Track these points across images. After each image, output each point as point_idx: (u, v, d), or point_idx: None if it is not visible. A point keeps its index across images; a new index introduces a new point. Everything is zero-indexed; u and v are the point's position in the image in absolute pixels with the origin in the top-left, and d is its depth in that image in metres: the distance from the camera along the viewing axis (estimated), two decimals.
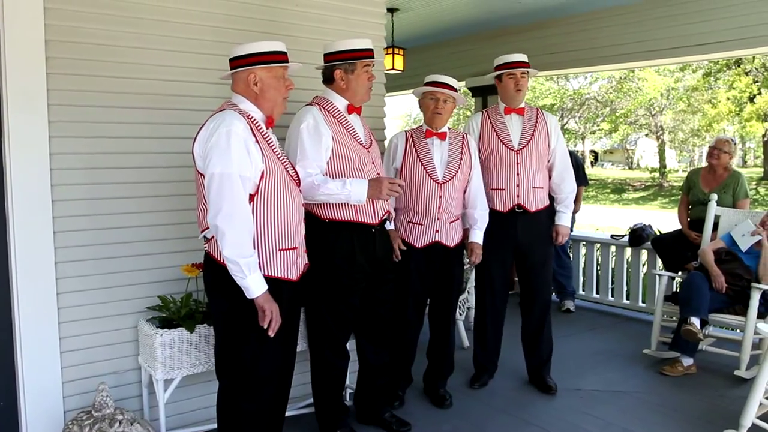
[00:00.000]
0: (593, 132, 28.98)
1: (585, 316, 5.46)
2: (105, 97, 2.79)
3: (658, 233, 5.36)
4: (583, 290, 5.96)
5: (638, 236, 5.39)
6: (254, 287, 2.26)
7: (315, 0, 3.34)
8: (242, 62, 2.38)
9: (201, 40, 2.99)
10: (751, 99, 20.54)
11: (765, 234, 3.96)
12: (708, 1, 5.03)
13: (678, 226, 5.00)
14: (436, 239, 3.30)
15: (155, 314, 2.88)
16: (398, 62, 6.50)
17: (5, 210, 2.63)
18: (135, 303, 2.92)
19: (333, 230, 2.87)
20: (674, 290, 4.66)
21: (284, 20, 3.24)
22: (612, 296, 5.75)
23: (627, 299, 5.64)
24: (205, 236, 2.40)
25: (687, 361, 4.03)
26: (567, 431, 3.24)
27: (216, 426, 2.55)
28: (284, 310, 2.36)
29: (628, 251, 5.66)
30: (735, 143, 4.96)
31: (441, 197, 3.28)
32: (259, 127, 2.38)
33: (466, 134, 3.52)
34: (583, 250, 6.01)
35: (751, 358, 3.87)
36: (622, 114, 24.58)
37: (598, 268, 5.90)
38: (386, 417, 3.22)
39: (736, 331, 4.30)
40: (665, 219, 10.04)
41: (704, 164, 4.91)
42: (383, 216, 2.99)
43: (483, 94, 6.73)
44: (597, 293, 5.86)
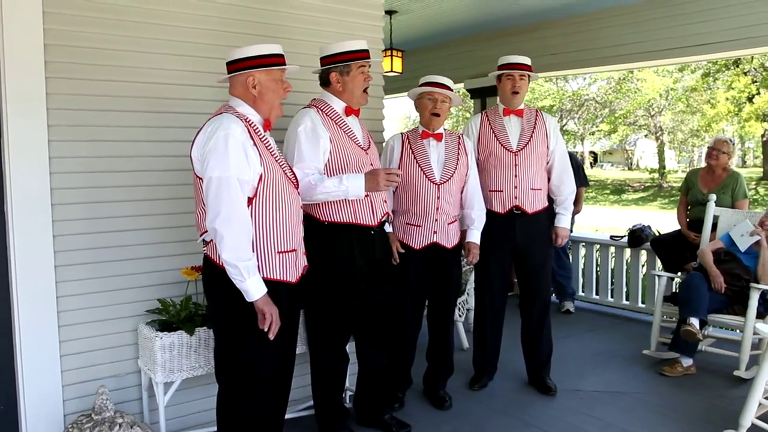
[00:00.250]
0: (592, 133, 28.99)
1: (585, 317, 5.47)
2: (103, 101, 2.79)
3: (658, 234, 5.37)
4: (583, 291, 5.96)
5: (637, 237, 5.40)
6: (254, 290, 2.26)
7: (312, 3, 3.34)
8: (240, 65, 2.38)
9: (197, 44, 3.00)
10: (750, 99, 20.53)
11: (764, 234, 3.97)
12: (706, 2, 5.04)
13: (677, 227, 5.00)
14: (435, 240, 3.30)
15: (155, 317, 2.88)
16: (397, 64, 6.46)
17: (5, 213, 2.63)
18: (135, 306, 2.92)
19: (332, 232, 2.87)
20: (673, 291, 4.67)
21: (281, 23, 3.24)
22: (611, 297, 5.76)
23: (626, 300, 5.64)
24: (204, 239, 2.40)
25: (686, 362, 4.03)
26: None
27: (216, 429, 2.55)
28: (284, 313, 2.36)
29: (628, 252, 5.66)
30: (734, 144, 4.96)
31: (439, 198, 3.28)
32: (257, 130, 2.38)
33: (462, 135, 3.52)
34: (583, 251, 6.02)
35: (751, 358, 3.87)
36: (622, 115, 24.59)
37: (598, 269, 5.91)
38: (386, 419, 3.22)
39: (736, 332, 4.30)
40: (665, 220, 10.04)
41: (703, 165, 4.91)
42: (382, 218, 2.99)
43: (482, 96, 6.74)
44: (596, 294, 5.86)
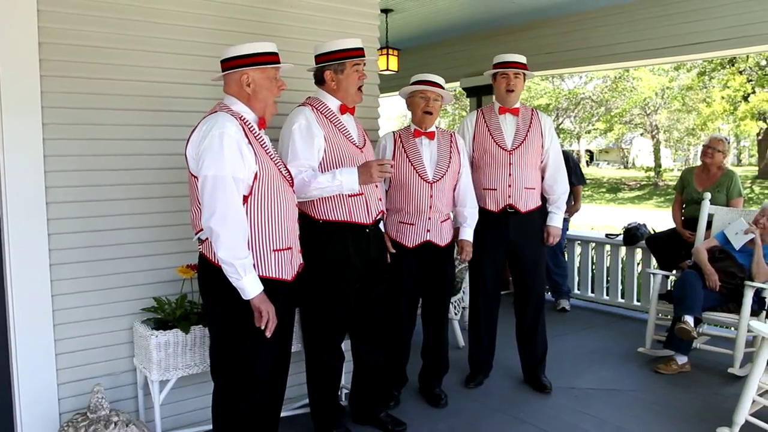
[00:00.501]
0: (588, 131, 29.02)
1: (580, 315, 5.48)
2: (98, 99, 2.79)
3: (653, 232, 5.38)
4: (578, 289, 5.97)
5: (633, 235, 5.41)
6: (250, 288, 2.27)
7: (308, 1, 3.34)
8: (234, 63, 2.38)
9: (193, 42, 2.99)
10: (746, 98, 20.57)
11: (758, 232, 3.98)
12: (702, 1, 5.05)
13: (672, 225, 5.02)
14: (428, 239, 3.30)
15: (150, 315, 2.88)
16: (393, 63, 6.46)
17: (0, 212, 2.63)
18: (130, 304, 2.92)
19: (327, 231, 2.87)
20: (668, 289, 4.69)
21: (277, 21, 3.24)
22: (607, 295, 5.77)
23: (622, 298, 5.66)
24: (200, 238, 2.40)
25: (681, 359, 4.05)
26: (562, 430, 3.25)
27: (212, 427, 2.55)
28: (279, 311, 2.36)
29: (623, 250, 5.68)
30: (729, 142, 4.98)
31: (432, 196, 3.28)
32: (252, 129, 2.38)
33: (454, 133, 3.51)
34: (578, 250, 6.03)
35: (745, 356, 3.89)
36: (617, 113, 24.62)
37: (593, 268, 5.93)
38: (382, 417, 3.23)
39: (730, 329, 4.32)
40: (660, 218, 10.08)
41: (699, 163, 4.93)
42: (377, 216, 2.99)
43: (478, 95, 6.74)
44: (592, 292, 5.88)
